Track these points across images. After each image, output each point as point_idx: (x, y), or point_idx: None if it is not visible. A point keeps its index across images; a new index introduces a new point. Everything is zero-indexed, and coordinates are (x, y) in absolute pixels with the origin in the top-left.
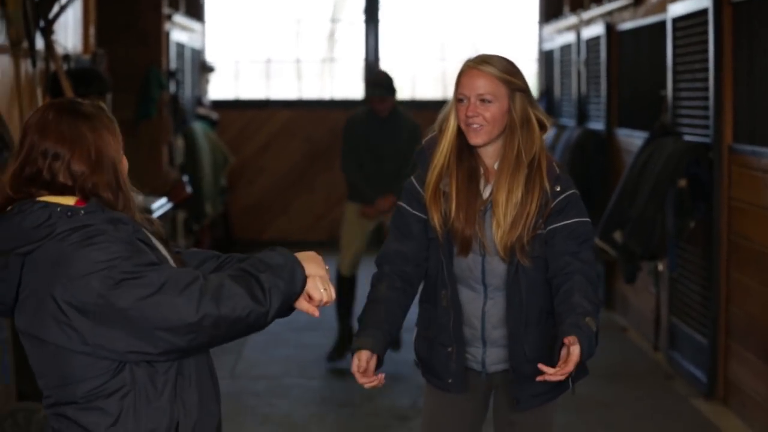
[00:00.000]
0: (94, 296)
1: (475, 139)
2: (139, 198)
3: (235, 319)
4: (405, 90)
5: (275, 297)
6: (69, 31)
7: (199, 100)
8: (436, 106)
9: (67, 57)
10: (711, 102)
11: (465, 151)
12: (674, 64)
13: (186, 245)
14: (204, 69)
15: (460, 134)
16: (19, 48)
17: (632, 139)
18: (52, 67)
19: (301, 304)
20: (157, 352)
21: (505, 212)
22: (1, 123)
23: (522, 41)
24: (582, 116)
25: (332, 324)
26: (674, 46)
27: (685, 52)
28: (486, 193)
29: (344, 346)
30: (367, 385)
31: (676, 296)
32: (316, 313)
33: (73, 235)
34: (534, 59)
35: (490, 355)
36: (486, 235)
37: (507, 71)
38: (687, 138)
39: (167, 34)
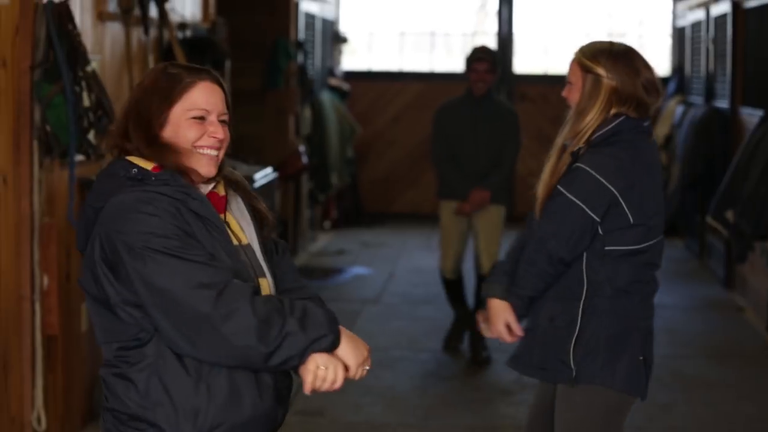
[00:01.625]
0: (118, 257)
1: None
2: (243, 167)
3: (231, 345)
4: (538, 65)
5: (287, 345)
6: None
7: (331, 71)
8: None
9: (183, 25)
10: None
11: None
12: None
13: (311, 216)
14: (337, 40)
15: None
16: (130, 15)
17: (756, 118)
18: (167, 35)
19: (307, 373)
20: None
21: (542, 182)
22: (101, 91)
23: (657, 17)
24: (710, 94)
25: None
26: None
27: None
28: None
29: (461, 329)
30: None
31: None
32: (306, 390)
33: (132, 195)
34: (668, 35)
35: None
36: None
37: (585, 55)
38: None
39: (296, 5)
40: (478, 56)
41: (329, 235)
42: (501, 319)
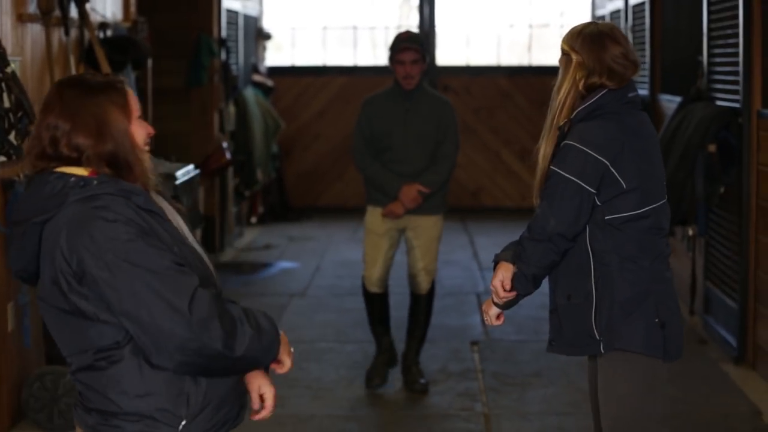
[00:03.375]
0: (84, 269)
1: None
2: (166, 164)
3: (213, 350)
4: (460, 56)
5: (251, 354)
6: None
7: (254, 67)
8: (490, 71)
9: (104, 25)
10: (741, 67)
11: None
12: (709, 30)
13: (238, 211)
14: (260, 36)
15: None
16: (51, 17)
17: (674, 104)
18: (87, 36)
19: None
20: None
21: (539, 165)
22: (22, 91)
23: (577, 7)
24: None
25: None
26: (709, 12)
27: (719, 18)
28: None
29: (385, 366)
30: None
31: (710, 261)
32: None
33: (84, 204)
34: None
35: None
36: None
37: (563, 39)
38: (720, 103)
39: (219, 2)
40: (403, 45)
41: (256, 230)
42: (498, 276)
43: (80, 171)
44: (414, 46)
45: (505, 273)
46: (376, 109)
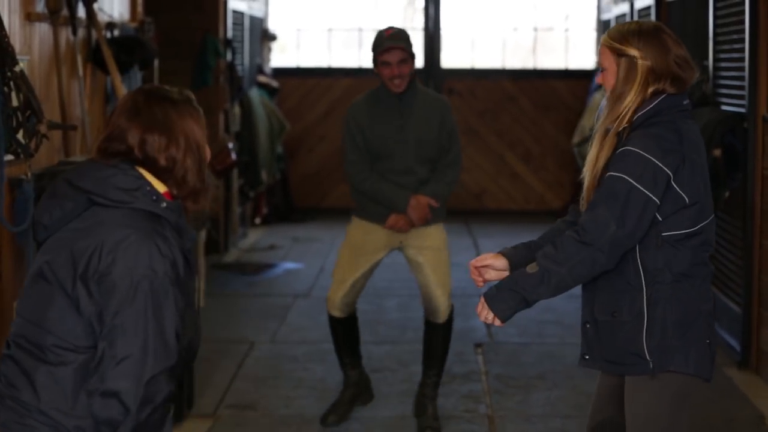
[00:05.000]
0: (113, 271)
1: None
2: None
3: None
4: (464, 59)
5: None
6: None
7: (260, 69)
8: (495, 74)
9: (111, 25)
10: (746, 72)
11: None
12: (715, 34)
13: (242, 212)
14: (265, 37)
15: None
16: (58, 16)
17: None
18: (95, 35)
19: None
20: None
21: (588, 170)
22: (30, 90)
23: (583, 10)
24: None
25: (385, 291)
26: (715, 17)
27: (725, 22)
28: None
29: (350, 404)
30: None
31: (715, 266)
32: None
33: (151, 221)
34: (593, 29)
35: None
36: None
37: (615, 38)
38: (725, 108)
39: (225, 3)
40: (388, 44)
41: (260, 231)
42: (486, 260)
43: (159, 185)
44: (400, 44)
45: (494, 261)
46: (367, 116)
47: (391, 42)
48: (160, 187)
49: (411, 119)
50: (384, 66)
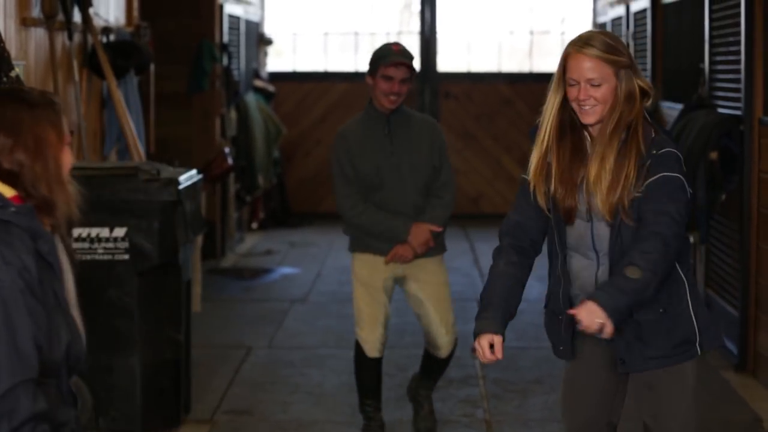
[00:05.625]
0: None
1: (587, 119)
2: (169, 169)
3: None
4: (461, 62)
5: None
6: (111, 4)
7: (256, 73)
8: (491, 78)
9: (107, 30)
10: (743, 75)
11: (567, 127)
12: (711, 37)
13: (239, 217)
14: (261, 41)
15: (562, 110)
16: (54, 21)
17: (676, 112)
18: (91, 40)
19: None
20: None
21: (599, 178)
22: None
23: (578, 13)
24: None
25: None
26: (711, 19)
27: (721, 25)
28: None
29: None
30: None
31: (711, 269)
32: None
33: None
34: None
35: None
36: (593, 203)
37: (610, 50)
38: (721, 110)
39: (220, 7)
40: (395, 59)
41: (257, 235)
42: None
43: (7, 190)
44: (408, 62)
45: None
46: (356, 143)
47: (400, 57)
48: (8, 192)
49: (401, 142)
50: (385, 80)
